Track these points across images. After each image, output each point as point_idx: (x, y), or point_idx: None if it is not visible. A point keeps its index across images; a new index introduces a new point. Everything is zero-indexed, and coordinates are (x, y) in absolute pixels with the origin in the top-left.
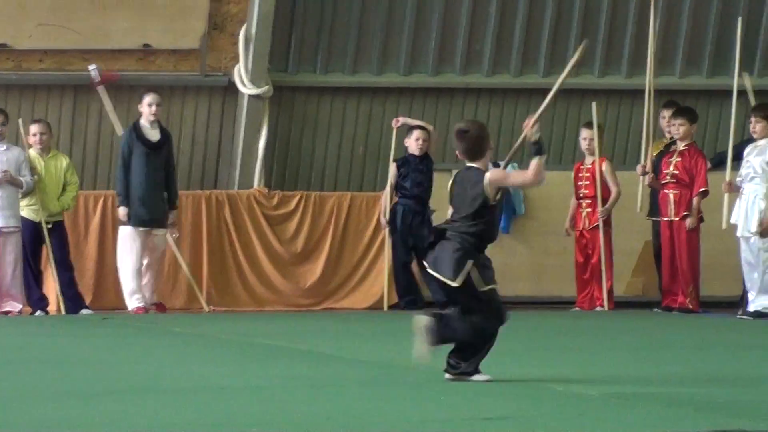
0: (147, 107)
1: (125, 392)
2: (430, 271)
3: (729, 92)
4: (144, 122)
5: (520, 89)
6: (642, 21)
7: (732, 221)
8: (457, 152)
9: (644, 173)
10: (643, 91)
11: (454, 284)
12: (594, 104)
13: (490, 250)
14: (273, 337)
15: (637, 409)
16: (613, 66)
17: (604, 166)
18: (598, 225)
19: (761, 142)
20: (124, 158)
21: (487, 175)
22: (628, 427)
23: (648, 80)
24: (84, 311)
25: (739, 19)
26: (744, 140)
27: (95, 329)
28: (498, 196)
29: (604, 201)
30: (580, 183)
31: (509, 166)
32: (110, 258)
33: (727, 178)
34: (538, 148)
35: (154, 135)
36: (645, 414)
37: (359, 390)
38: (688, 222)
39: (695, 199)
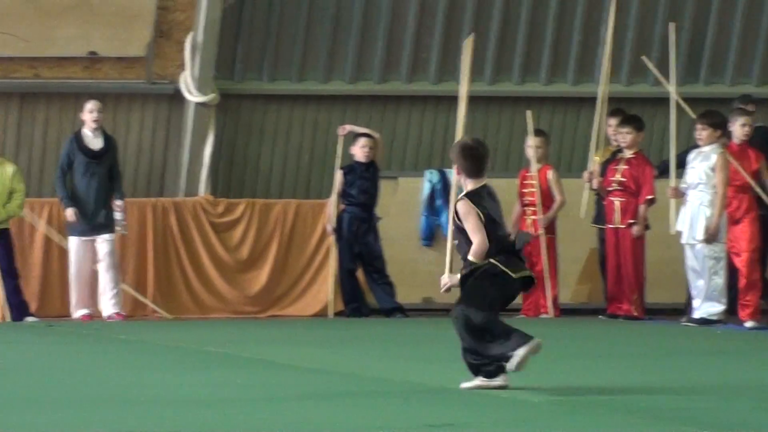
0: (88, 114)
1: (67, 401)
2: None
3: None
4: (86, 130)
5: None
6: (588, 29)
7: (677, 228)
8: (458, 168)
9: (590, 179)
10: (589, 99)
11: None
12: (529, 112)
13: (435, 257)
14: (218, 345)
15: (582, 416)
16: (559, 74)
17: (550, 174)
18: (540, 233)
19: (706, 149)
20: (62, 167)
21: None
22: None
23: (601, 87)
24: (29, 319)
25: (672, 24)
26: (689, 147)
27: (40, 337)
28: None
29: (548, 209)
30: (525, 190)
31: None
32: (56, 265)
33: (672, 184)
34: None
35: (96, 143)
36: (590, 421)
37: (304, 397)
38: (635, 229)
39: (642, 207)
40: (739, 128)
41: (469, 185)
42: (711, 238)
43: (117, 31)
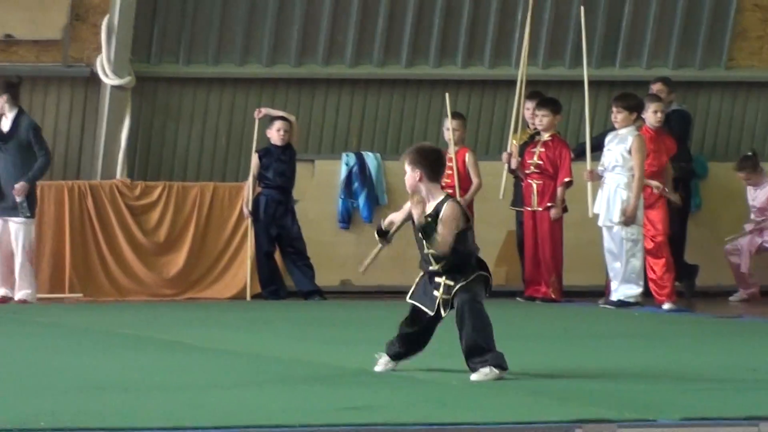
0: None
1: None
2: None
3: (590, 82)
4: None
5: (382, 80)
6: (505, 12)
7: (594, 211)
8: (422, 173)
9: (509, 160)
10: (506, 82)
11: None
12: (447, 95)
13: (353, 240)
14: (136, 328)
15: (500, 398)
16: (476, 57)
17: (467, 156)
18: None
19: (622, 131)
20: None
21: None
22: (490, 416)
23: (521, 69)
24: None
25: (582, 9)
26: (606, 129)
27: None
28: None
29: (465, 191)
30: None
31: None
32: None
33: (588, 167)
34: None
35: (3, 125)
36: (507, 403)
37: (224, 380)
38: (553, 212)
39: (560, 189)
40: (651, 115)
41: (437, 190)
42: (628, 220)
43: (33, 14)
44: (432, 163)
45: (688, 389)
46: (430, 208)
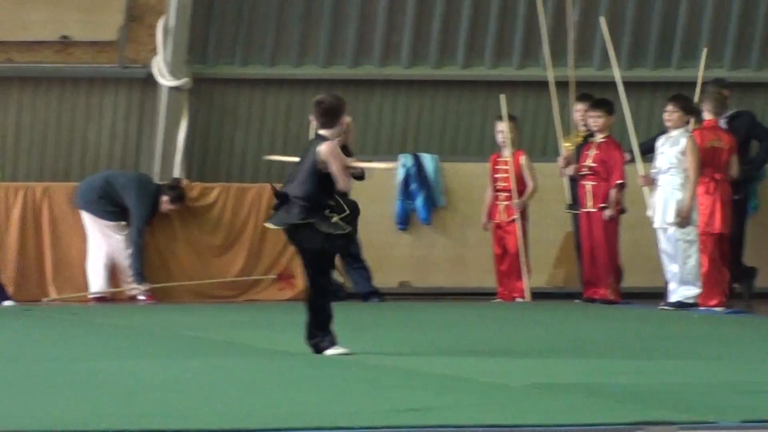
0: None
1: (47, 386)
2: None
3: (646, 84)
4: None
5: (438, 81)
6: (559, 14)
7: (647, 213)
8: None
9: (567, 165)
10: (561, 83)
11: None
12: (503, 96)
13: (411, 241)
14: (195, 329)
15: (559, 399)
16: (531, 58)
17: (522, 159)
18: (515, 218)
19: (674, 133)
20: None
21: (321, 147)
22: (551, 418)
23: (549, 72)
24: (6, 303)
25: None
26: (659, 132)
27: (17, 321)
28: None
29: (521, 194)
30: (497, 175)
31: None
32: (32, 249)
33: (640, 172)
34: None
35: None
36: (567, 405)
37: (282, 382)
38: (606, 213)
39: (612, 191)
40: None
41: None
42: (683, 221)
43: (89, 15)
44: (320, 112)
45: (749, 391)
46: None
